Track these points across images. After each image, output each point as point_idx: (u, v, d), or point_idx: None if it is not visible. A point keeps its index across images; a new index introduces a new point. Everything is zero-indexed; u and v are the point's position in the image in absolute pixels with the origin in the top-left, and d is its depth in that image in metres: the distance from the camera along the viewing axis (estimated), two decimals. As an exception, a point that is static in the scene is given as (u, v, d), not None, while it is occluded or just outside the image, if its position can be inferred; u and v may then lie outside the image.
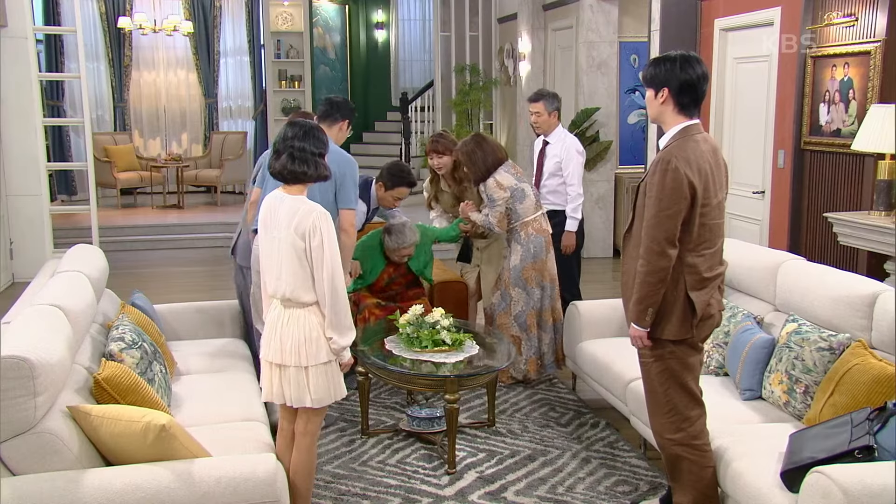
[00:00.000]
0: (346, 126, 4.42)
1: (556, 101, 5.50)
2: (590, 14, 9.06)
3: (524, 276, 4.97)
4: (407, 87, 14.68)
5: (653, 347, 3.10)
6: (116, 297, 4.37)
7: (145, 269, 9.02)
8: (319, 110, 4.46)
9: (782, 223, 5.76)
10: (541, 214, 5.02)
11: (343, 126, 4.40)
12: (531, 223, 4.96)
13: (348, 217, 4.20)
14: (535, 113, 5.50)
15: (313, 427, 3.25)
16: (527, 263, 4.96)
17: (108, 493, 2.62)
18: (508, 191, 4.88)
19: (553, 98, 5.51)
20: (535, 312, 5.01)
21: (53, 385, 2.73)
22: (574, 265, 5.63)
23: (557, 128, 5.56)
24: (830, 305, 3.59)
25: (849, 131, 5.04)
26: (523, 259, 4.96)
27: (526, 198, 4.93)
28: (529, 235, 4.96)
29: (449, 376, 3.93)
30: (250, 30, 13.50)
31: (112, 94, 12.91)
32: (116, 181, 11.87)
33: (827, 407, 3.25)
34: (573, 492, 3.74)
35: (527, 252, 4.96)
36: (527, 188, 4.97)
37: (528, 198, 4.94)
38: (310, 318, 3.09)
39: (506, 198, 4.88)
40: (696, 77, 3.00)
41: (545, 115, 5.48)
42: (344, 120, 4.40)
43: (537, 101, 5.48)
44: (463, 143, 5.00)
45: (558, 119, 5.57)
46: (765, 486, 2.89)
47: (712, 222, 3.04)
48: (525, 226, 4.96)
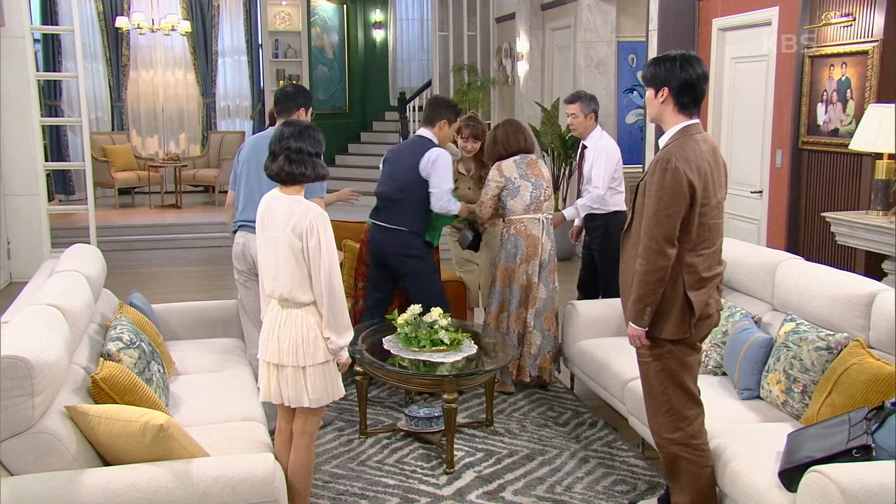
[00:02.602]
0: (305, 113, 4.40)
1: (592, 103, 5.30)
2: (588, 14, 9.06)
3: (495, 273, 4.95)
4: (405, 86, 14.66)
5: (651, 347, 3.10)
6: (114, 297, 4.37)
7: (143, 268, 9.01)
8: (276, 104, 4.46)
9: (780, 223, 5.77)
10: (530, 218, 4.87)
11: (301, 114, 4.37)
12: (515, 223, 4.89)
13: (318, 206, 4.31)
14: (571, 115, 5.31)
15: (311, 427, 3.24)
16: (499, 262, 4.94)
17: (106, 493, 2.61)
18: (504, 179, 4.85)
19: (590, 100, 5.30)
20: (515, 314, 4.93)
21: (51, 385, 2.72)
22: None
23: (594, 130, 5.32)
24: (828, 305, 3.60)
25: (846, 131, 5.05)
26: (499, 257, 4.95)
27: (518, 195, 4.85)
28: (510, 234, 4.90)
29: (447, 376, 3.93)
30: (248, 29, 13.50)
31: (110, 94, 12.90)
32: (114, 181, 11.86)
33: (825, 406, 3.25)
34: (571, 491, 3.74)
35: (503, 250, 4.93)
36: (527, 187, 4.86)
37: (520, 196, 4.86)
38: (307, 318, 3.09)
39: (499, 183, 4.85)
40: (697, 76, 3.01)
41: (581, 117, 5.27)
42: (300, 108, 4.38)
43: (573, 103, 5.30)
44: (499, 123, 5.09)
45: (596, 121, 5.35)
46: (763, 485, 2.89)
47: (711, 222, 3.04)
48: (510, 224, 4.91)
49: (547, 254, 4.92)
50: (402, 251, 4.75)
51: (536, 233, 4.88)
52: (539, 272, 4.89)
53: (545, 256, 4.91)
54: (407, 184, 4.72)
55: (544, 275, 4.91)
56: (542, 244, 4.89)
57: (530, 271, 4.87)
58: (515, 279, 4.88)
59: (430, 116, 4.81)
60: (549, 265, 4.93)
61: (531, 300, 4.89)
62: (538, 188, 4.90)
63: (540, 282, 4.89)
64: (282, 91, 4.50)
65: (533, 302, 4.89)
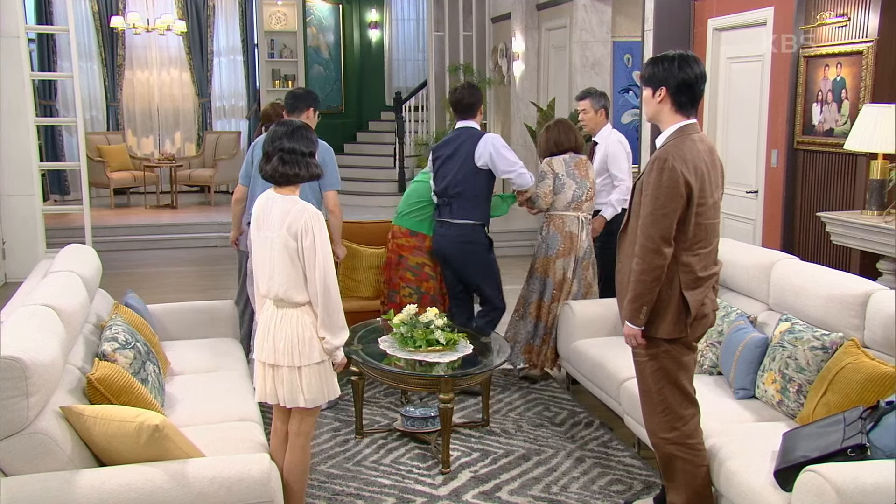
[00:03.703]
0: (313, 114, 4.76)
1: (602, 100, 5.39)
2: (583, 14, 9.07)
3: (534, 264, 5.13)
4: (401, 86, 14.67)
5: (647, 346, 3.10)
6: (110, 297, 4.36)
7: (139, 269, 8.99)
8: (286, 105, 4.80)
9: (776, 222, 5.78)
10: (569, 216, 5.02)
11: (310, 114, 4.71)
12: (555, 218, 5.04)
13: (333, 198, 4.62)
14: (582, 111, 5.41)
15: (307, 427, 3.24)
16: (539, 255, 5.09)
17: (102, 494, 2.61)
18: (551, 176, 5.00)
19: (599, 96, 5.39)
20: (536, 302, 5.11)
21: (46, 385, 2.72)
22: None
23: (605, 127, 5.40)
24: (823, 305, 3.60)
25: (841, 131, 5.06)
26: (540, 250, 5.11)
27: (562, 192, 5.00)
28: (548, 229, 5.07)
29: (443, 376, 3.93)
30: (244, 29, 13.47)
31: (105, 94, 12.86)
32: (109, 181, 11.83)
33: (820, 406, 3.25)
34: (567, 491, 3.74)
35: (543, 244, 5.08)
36: (570, 185, 4.99)
37: (563, 193, 5.00)
38: (303, 318, 3.09)
39: (551, 176, 5.00)
40: (695, 76, 3.01)
41: (591, 113, 5.36)
42: (309, 108, 4.73)
43: (584, 99, 5.39)
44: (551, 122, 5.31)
45: (606, 118, 5.42)
46: (758, 485, 2.90)
47: (708, 222, 3.04)
48: (550, 219, 5.07)
49: (583, 251, 5.06)
50: (465, 244, 4.85)
51: (575, 230, 5.02)
52: (574, 268, 5.04)
53: (581, 253, 5.05)
54: (464, 177, 4.79)
55: (579, 271, 5.05)
56: (581, 241, 5.04)
57: (566, 266, 5.02)
58: (551, 272, 5.03)
59: (470, 106, 4.91)
60: (583, 261, 5.07)
61: (563, 294, 5.04)
62: (582, 188, 5.03)
63: (574, 277, 5.04)
64: (292, 93, 4.81)
65: (566, 296, 5.04)
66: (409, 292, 5.02)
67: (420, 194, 5.08)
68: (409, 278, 5.04)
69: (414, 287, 5.02)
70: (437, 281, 5.08)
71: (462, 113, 4.93)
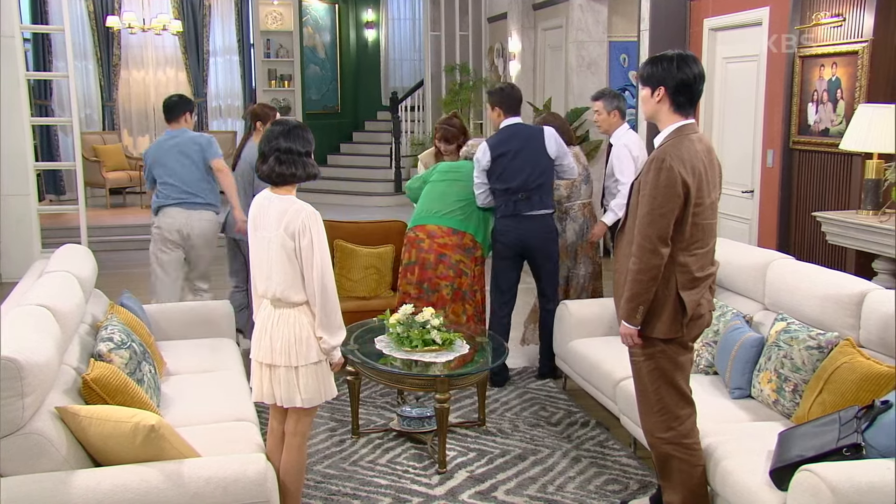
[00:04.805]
0: (190, 116, 5.49)
1: (615, 100, 5.35)
2: (579, 13, 9.07)
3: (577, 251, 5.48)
4: (397, 86, 14.67)
5: (643, 346, 3.10)
6: (105, 298, 4.35)
7: (134, 269, 8.96)
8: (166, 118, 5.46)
9: (771, 222, 5.79)
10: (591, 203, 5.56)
11: (187, 117, 5.46)
12: (588, 206, 5.51)
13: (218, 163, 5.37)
14: (596, 111, 5.41)
15: (303, 427, 3.24)
16: (579, 241, 5.47)
17: (97, 494, 2.61)
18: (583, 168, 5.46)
19: (613, 97, 5.36)
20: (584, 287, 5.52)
21: (41, 386, 2.71)
22: None
23: (620, 128, 5.35)
24: (819, 304, 3.61)
25: (837, 131, 5.07)
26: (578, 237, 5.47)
27: (589, 182, 5.51)
28: (583, 216, 5.47)
29: (439, 376, 3.93)
30: (240, 29, 13.47)
31: (101, 94, 12.85)
32: (105, 181, 11.81)
33: (815, 405, 3.26)
34: (563, 491, 3.74)
35: (582, 230, 5.46)
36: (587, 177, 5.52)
37: (589, 184, 5.52)
38: (300, 317, 3.08)
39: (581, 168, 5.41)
40: (693, 76, 3.01)
41: (604, 114, 5.34)
42: (185, 112, 5.44)
43: (597, 100, 5.37)
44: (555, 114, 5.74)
45: (621, 118, 5.38)
46: (754, 484, 2.90)
47: (705, 222, 3.04)
48: (584, 206, 5.48)
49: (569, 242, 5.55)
50: (549, 235, 5.05)
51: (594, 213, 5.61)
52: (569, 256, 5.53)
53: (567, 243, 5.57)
54: (544, 168, 4.95)
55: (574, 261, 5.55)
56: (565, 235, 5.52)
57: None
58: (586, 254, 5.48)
59: (519, 102, 5.14)
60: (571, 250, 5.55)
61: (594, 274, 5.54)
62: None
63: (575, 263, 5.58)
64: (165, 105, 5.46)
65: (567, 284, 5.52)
66: (449, 290, 5.00)
67: (459, 194, 5.07)
68: (450, 276, 5.00)
69: (452, 284, 5.01)
70: (470, 277, 5.06)
71: (513, 110, 5.06)
